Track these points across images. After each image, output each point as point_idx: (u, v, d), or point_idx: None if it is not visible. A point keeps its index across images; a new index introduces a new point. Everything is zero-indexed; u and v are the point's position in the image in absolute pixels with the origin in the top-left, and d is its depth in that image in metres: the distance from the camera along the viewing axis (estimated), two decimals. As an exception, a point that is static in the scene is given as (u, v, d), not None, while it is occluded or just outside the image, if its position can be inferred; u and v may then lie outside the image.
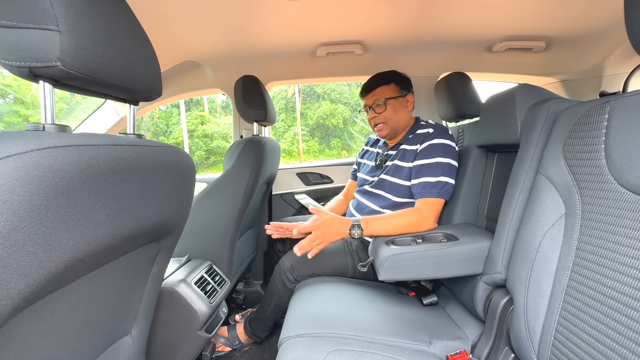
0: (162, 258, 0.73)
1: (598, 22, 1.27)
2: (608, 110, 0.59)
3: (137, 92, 0.55)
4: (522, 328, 0.68)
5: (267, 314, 1.27)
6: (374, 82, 1.26)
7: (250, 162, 1.16)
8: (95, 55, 0.44)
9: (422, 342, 0.84)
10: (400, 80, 1.25)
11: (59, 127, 0.44)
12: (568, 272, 0.62)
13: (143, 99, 0.59)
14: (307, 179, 1.86)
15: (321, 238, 1.01)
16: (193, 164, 0.70)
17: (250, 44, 1.41)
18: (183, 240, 1.14)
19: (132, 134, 0.58)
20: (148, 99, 0.59)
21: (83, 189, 0.40)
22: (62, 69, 0.41)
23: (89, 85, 0.47)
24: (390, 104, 1.23)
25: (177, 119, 14.35)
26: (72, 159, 0.38)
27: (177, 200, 0.65)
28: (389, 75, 1.26)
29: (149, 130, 13.87)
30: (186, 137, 13.65)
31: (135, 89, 0.54)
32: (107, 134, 0.49)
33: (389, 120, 1.23)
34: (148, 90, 0.57)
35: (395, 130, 1.25)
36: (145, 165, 0.52)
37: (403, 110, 1.24)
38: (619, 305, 0.52)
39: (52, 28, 0.40)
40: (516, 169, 0.80)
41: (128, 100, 0.59)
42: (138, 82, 0.54)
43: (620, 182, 0.55)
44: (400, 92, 1.24)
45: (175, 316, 0.88)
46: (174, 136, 13.81)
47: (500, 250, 0.80)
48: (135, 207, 0.51)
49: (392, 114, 1.23)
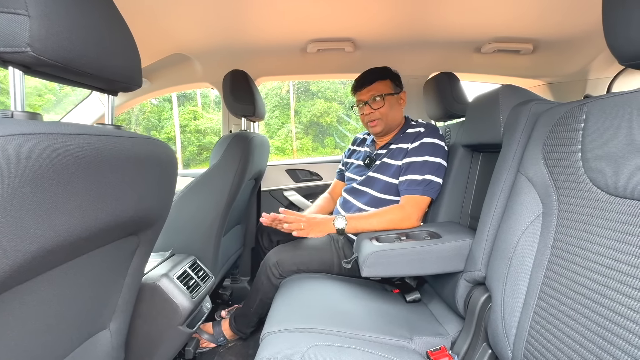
0: (142, 252, 0.73)
1: (584, 27, 1.29)
2: (585, 111, 0.60)
3: (115, 82, 0.54)
4: (499, 324, 0.69)
5: (252, 310, 1.27)
6: (369, 77, 1.23)
7: (237, 157, 1.15)
8: (69, 42, 0.43)
9: (403, 338, 0.84)
10: (394, 77, 1.26)
11: (29, 114, 0.43)
12: (543, 270, 0.63)
13: (122, 89, 0.58)
14: (296, 175, 1.85)
15: (307, 225, 1.06)
16: (174, 157, 0.69)
17: (240, 38, 1.40)
18: (167, 234, 1.13)
19: (110, 125, 0.57)
20: (127, 89, 0.58)
21: (52, 178, 0.39)
22: (32, 55, 0.40)
23: (63, 72, 0.46)
24: (388, 100, 1.22)
25: (169, 114, 14.14)
26: (40, 147, 0.37)
27: (157, 193, 0.65)
28: (384, 71, 1.25)
29: (140, 125, 13.64)
30: (178, 132, 13.47)
31: (112, 78, 0.53)
32: (83, 124, 0.48)
33: (385, 117, 1.22)
34: (126, 81, 0.56)
35: (389, 127, 1.25)
36: (121, 157, 0.51)
37: (398, 107, 1.25)
38: (590, 302, 0.54)
39: (21, 12, 0.39)
40: (498, 169, 0.81)
41: (106, 90, 0.57)
42: (116, 72, 0.53)
43: (594, 182, 0.57)
44: (395, 88, 1.25)
45: (156, 311, 0.87)
46: (165, 131, 13.61)
47: (480, 248, 0.82)
48: (110, 199, 0.50)
49: (389, 110, 1.22)
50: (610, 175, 0.54)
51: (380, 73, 1.24)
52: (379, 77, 1.23)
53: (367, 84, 1.23)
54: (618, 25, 0.53)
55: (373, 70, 1.25)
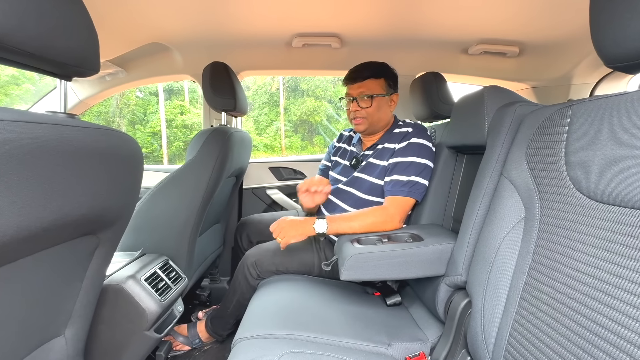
0: (102, 253, 0.67)
1: (569, 32, 1.29)
2: (570, 114, 0.58)
3: (65, 65, 0.48)
4: (479, 331, 0.67)
5: (229, 311, 1.22)
6: (364, 73, 1.14)
7: (215, 152, 1.10)
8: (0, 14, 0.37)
9: (382, 344, 0.82)
10: (390, 77, 1.18)
11: None
12: (524, 277, 0.61)
13: (75, 73, 0.52)
14: (279, 173, 1.80)
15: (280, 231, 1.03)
16: (138, 151, 0.64)
17: (222, 29, 1.34)
18: (137, 233, 1.07)
19: (62, 113, 0.52)
20: (81, 74, 0.53)
21: None
22: None
23: None
24: (377, 101, 1.14)
25: (155, 108, 13.77)
26: None
27: (117, 190, 0.59)
28: (381, 69, 1.16)
29: (124, 118, 13.25)
30: (164, 127, 13.15)
31: (61, 60, 0.47)
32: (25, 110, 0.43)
33: (371, 117, 1.16)
34: (79, 64, 0.50)
35: (373, 128, 1.19)
36: (69, 148, 0.46)
37: (387, 109, 1.18)
38: (570, 311, 0.52)
39: None
40: (481, 171, 0.79)
41: (57, 74, 0.52)
42: (65, 53, 0.47)
43: (577, 187, 0.55)
44: (388, 89, 1.17)
45: (120, 315, 0.82)
46: (151, 125, 13.25)
47: (462, 252, 0.79)
48: (55, 195, 0.45)
49: (376, 111, 1.15)
50: (594, 181, 0.52)
51: (376, 70, 1.15)
52: (373, 74, 1.14)
53: (360, 79, 1.15)
54: (605, 26, 0.52)
55: (369, 66, 1.16)
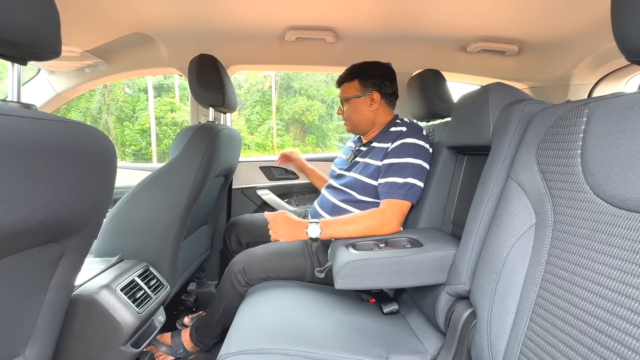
0: (68, 262, 0.60)
1: (569, 31, 1.26)
2: (587, 113, 0.54)
3: (15, 45, 0.41)
4: (485, 346, 0.62)
5: (215, 320, 1.15)
6: (342, 77, 1.21)
7: (201, 150, 1.02)
8: None
9: (379, 357, 0.76)
10: (367, 76, 1.16)
11: None
12: (536, 289, 0.56)
13: (30, 56, 0.45)
14: (271, 173, 1.74)
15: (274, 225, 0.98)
16: (110, 147, 0.57)
17: (211, 20, 1.27)
18: (115, 237, 0.99)
19: (14, 102, 0.44)
20: (39, 57, 0.45)
21: None
22: None
23: None
24: (350, 104, 1.19)
25: (144, 104, 13.48)
26: None
27: (83, 191, 0.52)
28: (355, 70, 1.19)
29: (112, 115, 12.93)
30: (153, 124, 12.88)
31: (12, 40, 0.40)
32: None
33: (350, 119, 1.20)
34: (35, 45, 0.43)
35: (357, 129, 1.23)
36: (21, 144, 0.39)
37: (364, 109, 1.17)
38: (589, 328, 0.47)
39: None
40: (486, 173, 0.75)
41: (9, 56, 0.44)
42: (18, 33, 0.40)
43: (596, 192, 0.50)
44: (363, 90, 1.17)
45: (92, 329, 0.74)
46: (140, 122, 12.97)
47: (465, 260, 0.75)
48: (2, 199, 0.38)
49: (352, 113, 1.19)
50: (616, 185, 0.47)
51: (349, 73, 1.19)
52: (346, 78, 1.19)
53: (338, 84, 1.23)
54: (628, 16, 0.47)
55: (347, 70, 1.21)
